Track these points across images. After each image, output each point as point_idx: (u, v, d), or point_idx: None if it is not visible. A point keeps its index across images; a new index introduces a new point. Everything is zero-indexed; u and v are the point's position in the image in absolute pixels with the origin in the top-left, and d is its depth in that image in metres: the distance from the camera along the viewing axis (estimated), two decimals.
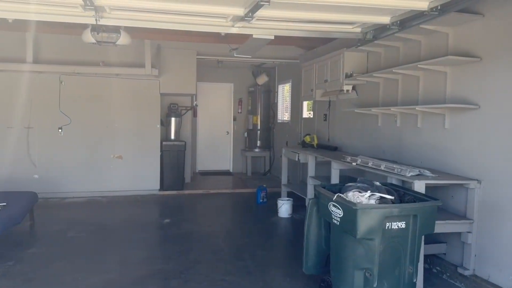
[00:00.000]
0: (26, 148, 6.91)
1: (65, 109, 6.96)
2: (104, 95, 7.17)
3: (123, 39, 4.53)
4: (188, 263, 4.14)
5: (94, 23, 3.68)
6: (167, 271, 3.94)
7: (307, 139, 6.53)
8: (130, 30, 5.13)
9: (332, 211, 3.07)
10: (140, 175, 7.41)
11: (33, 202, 5.34)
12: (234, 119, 10.10)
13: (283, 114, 9.12)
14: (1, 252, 4.14)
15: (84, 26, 4.94)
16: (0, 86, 6.72)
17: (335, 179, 4.90)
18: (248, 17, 3.63)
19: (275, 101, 9.36)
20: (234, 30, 4.17)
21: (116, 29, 4.41)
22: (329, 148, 6.07)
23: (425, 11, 3.50)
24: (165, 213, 6.48)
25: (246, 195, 7.60)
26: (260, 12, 3.53)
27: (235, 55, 6.18)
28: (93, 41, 4.41)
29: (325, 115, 6.60)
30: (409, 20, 3.87)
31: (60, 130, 6.99)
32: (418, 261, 3.05)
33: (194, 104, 8.77)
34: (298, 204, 6.16)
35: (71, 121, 6.99)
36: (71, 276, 3.77)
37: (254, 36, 4.43)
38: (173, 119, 7.99)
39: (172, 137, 7.97)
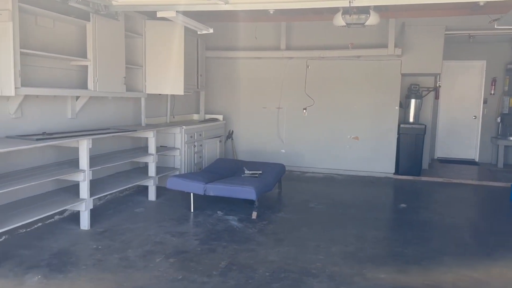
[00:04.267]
0: (276, 126, 7.86)
1: (310, 91, 7.54)
2: (344, 77, 7.42)
3: (372, 20, 4.54)
4: (428, 252, 3.92)
5: (347, 5, 3.80)
6: (406, 256, 3.83)
7: None
8: (376, 10, 5.11)
9: None
10: (375, 157, 7.40)
11: (281, 173, 6.05)
12: (485, 102, 8.85)
13: None
14: (259, 212, 4.87)
15: (332, 11, 5.20)
16: (259, 72, 7.81)
17: None
18: None
19: None
20: None
21: (365, 10, 4.45)
22: None
23: None
24: (401, 198, 6.30)
25: (496, 189, 6.63)
26: None
27: (496, 27, 5.35)
28: (343, 24, 4.58)
29: None
30: None
31: (304, 111, 7.64)
32: None
33: (437, 85, 8.11)
34: None
35: (314, 102, 7.54)
36: (313, 242, 4.11)
37: None
38: (413, 101, 7.60)
39: (411, 120, 7.61)
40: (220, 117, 7.70)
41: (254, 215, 4.83)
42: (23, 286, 3.06)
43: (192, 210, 5.03)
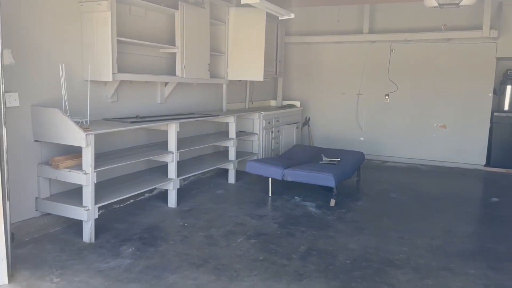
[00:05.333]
0: (355, 112, 7.66)
1: (393, 77, 7.22)
2: (432, 61, 6.99)
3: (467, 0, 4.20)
4: None
5: None
6: (499, 252, 3.57)
7: None
8: None
9: None
10: (464, 147, 6.93)
11: (360, 161, 5.90)
12: None
13: None
14: (337, 200, 4.81)
15: None
16: (339, 57, 7.63)
17: None
18: None
19: None
20: None
21: None
22: None
23: None
24: (492, 191, 5.83)
25: None
26: None
27: None
28: (435, 4, 4.30)
29: None
30: None
31: (386, 97, 7.34)
32: None
33: None
34: None
35: (397, 88, 7.21)
36: (396, 234, 3.97)
37: None
38: (509, 87, 6.92)
39: (506, 108, 6.96)
40: (297, 103, 7.67)
41: (333, 202, 4.78)
42: (119, 256, 3.34)
43: (270, 194, 5.11)
